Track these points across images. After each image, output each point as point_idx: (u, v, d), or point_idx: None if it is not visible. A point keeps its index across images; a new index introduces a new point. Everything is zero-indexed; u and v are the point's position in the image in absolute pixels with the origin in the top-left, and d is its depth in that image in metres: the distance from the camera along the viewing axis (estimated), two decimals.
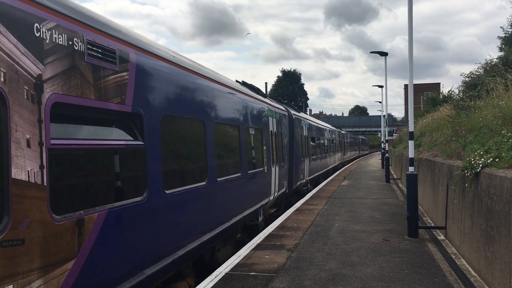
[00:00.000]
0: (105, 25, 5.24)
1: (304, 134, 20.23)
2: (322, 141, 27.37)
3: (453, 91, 23.03)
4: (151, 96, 6.02)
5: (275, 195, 14.07)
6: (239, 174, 10.07)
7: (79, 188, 4.65)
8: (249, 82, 14.36)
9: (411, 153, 10.80)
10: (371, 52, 29.91)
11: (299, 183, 18.40)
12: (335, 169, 36.33)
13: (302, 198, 18.19)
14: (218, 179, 8.44)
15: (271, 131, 13.83)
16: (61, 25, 4.31)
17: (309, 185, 21.96)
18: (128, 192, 5.42)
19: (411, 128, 11.08)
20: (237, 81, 13.10)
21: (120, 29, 5.66)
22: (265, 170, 12.76)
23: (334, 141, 35.36)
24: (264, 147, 12.81)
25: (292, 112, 18.62)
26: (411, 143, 10.96)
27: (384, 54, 29.14)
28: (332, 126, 39.57)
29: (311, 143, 22.57)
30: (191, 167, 7.65)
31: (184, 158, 7.54)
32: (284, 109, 17.08)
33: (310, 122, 23.18)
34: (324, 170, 28.07)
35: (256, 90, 14.08)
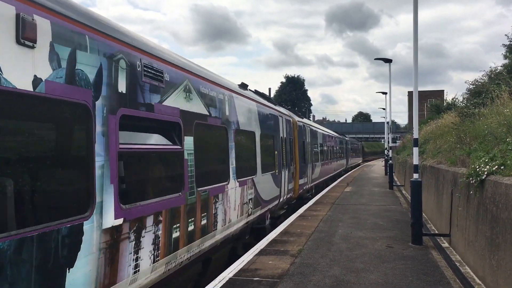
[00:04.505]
0: None
1: None
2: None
3: (457, 98, 23.04)
4: None
5: None
6: None
7: None
8: (252, 88, 13.20)
9: (415, 160, 10.77)
10: (375, 59, 29.95)
11: None
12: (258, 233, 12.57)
13: (305, 204, 18.15)
14: None
15: None
16: None
17: None
18: None
19: (415, 134, 11.01)
20: None
21: None
22: None
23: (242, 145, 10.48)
24: None
25: None
26: (415, 150, 10.91)
27: (388, 60, 29.19)
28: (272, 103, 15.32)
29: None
30: None
31: None
32: None
33: None
34: None
35: None
